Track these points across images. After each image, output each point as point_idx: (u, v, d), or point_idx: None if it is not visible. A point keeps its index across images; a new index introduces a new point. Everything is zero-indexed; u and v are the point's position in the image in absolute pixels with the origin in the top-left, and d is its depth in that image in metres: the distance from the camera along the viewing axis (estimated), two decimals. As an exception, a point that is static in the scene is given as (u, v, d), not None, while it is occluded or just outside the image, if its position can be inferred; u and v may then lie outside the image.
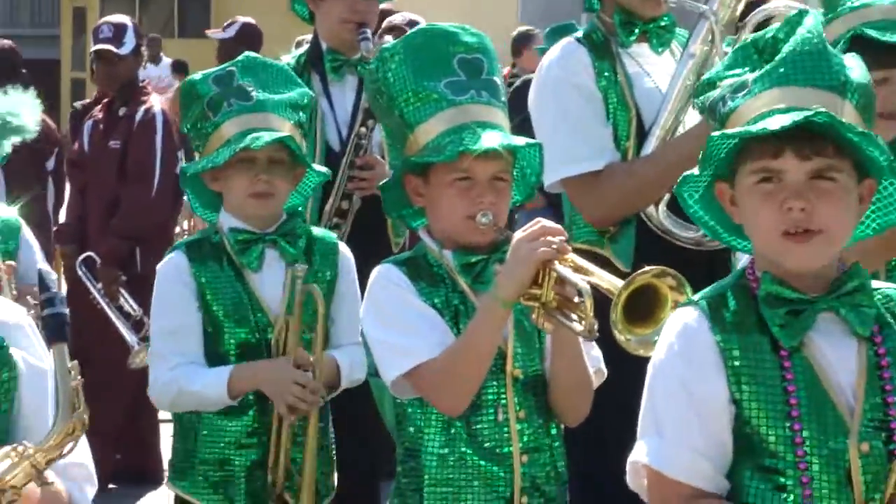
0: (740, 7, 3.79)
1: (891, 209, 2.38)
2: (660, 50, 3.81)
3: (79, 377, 2.12)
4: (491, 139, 2.94)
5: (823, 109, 2.25)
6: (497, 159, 2.98)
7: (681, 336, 2.35)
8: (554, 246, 2.81)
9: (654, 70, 3.79)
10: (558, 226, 2.88)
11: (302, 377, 3.46)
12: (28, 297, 4.33)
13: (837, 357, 2.32)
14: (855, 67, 2.37)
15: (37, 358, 2.36)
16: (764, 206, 2.31)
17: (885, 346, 2.33)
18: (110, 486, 6.75)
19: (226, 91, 3.54)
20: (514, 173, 3.09)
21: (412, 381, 2.96)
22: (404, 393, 3.01)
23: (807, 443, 2.27)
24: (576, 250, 3.86)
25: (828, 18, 3.55)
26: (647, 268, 2.62)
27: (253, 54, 3.71)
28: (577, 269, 2.79)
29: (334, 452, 3.70)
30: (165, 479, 3.67)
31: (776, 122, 2.25)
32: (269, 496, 3.53)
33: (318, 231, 3.72)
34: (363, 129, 4.49)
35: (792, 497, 2.28)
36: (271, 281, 3.56)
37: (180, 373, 3.51)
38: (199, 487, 3.57)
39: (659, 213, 3.69)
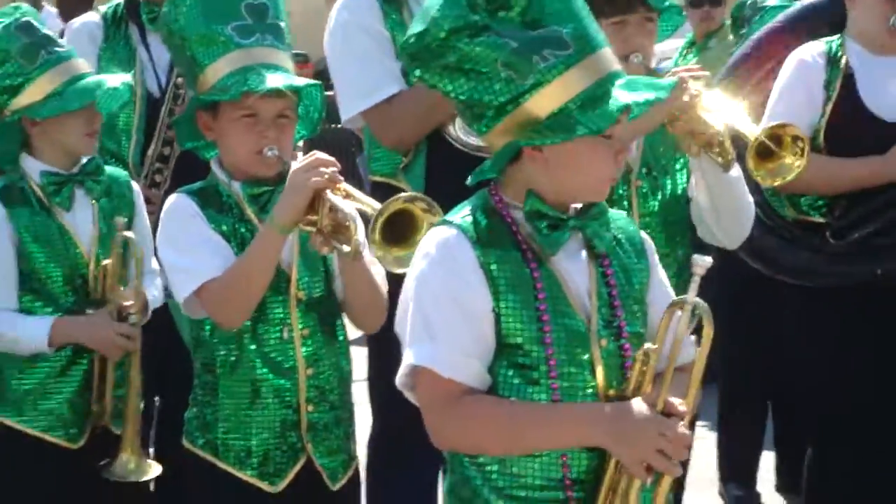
0: None
1: None
2: None
3: None
4: (274, 80, 3.19)
5: None
6: (281, 98, 3.23)
7: (442, 251, 2.55)
8: (326, 175, 3.07)
9: None
10: (331, 158, 3.12)
11: (122, 328, 3.68)
12: None
13: (575, 269, 2.61)
14: None
15: None
16: (596, 154, 2.55)
17: (609, 258, 2.64)
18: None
19: (37, 40, 3.72)
20: (300, 111, 3.34)
21: (199, 300, 3.21)
22: (196, 312, 3.26)
23: (554, 342, 2.54)
24: (374, 183, 4.20)
25: None
26: (399, 195, 2.86)
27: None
28: (348, 197, 3.05)
29: None
30: None
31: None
32: (93, 424, 3.74)
33: (110, 170, 3.90)
34: (181, 79, 4.65)
35: (542, 388, 2.55)
36: (82, 218, 3.77)
37: (1, 317, 3.66)
38: (23, 414, 3.71)
39: (456, 128, 3.91)
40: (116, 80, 3.82)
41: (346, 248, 3.02)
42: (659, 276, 2.73)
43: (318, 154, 3.13)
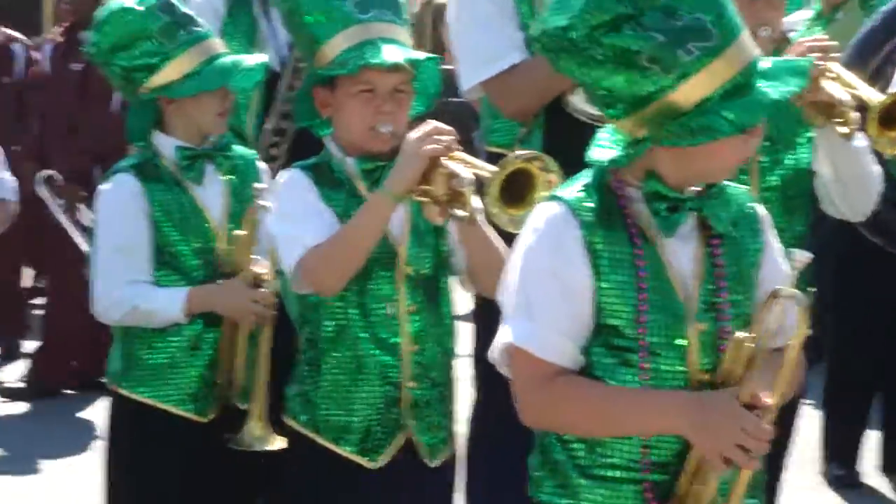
0: None
1: None
2: None
3: None
4: (391, 53, 3.19)
5: None
6: (398, 72, 3.23)
7: (549, 227, 2.54)
8: (443, 143, 3.06)
9: None
10: (448, 126, 3.10)
11: (257, 295, 3.67)
12: None
13: (681, 250, 2.57)
14: None
15: None
16: (732, 143, 2.50)
17: (721, 238, 2.60)
18: (67, 391, 7.09)
19: (177, 19, 3.73)
20: (415, 86, 3.33)
21: (302, 268, 3.19)
22: (303, 286, 3.25)
23: (650, 325, 2.53)
24: (490, 154, 4.17)
25: None
26: (520, 152, 2.85)
27: None
28: (464, 164, 3.02)
29: None
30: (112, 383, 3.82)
31: None
32: (220, 399, 3.75)
33: (237, 148, 3.92)
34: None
35: (634, 370, 2.54)
36: (212, 192, 3.79)
37: (136, 290, 3.66)
38: (154, 388, 3.72)
39: (576, 97, 3.83)
40: (252, 59, 3.84)
41: (460, 213, 3.00)
42: (773, 253, 2.67)
43: (434, 123, 3.11)
